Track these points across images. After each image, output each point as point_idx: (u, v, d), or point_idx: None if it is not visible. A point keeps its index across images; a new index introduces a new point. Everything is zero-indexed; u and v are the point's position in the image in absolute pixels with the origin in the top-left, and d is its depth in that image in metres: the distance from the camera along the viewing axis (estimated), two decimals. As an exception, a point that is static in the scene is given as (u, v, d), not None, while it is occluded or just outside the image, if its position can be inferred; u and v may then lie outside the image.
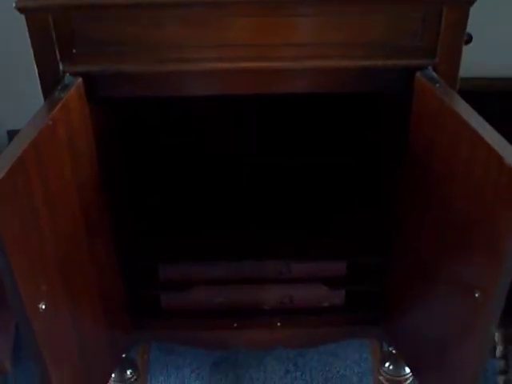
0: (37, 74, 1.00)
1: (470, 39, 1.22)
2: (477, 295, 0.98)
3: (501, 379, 1.43)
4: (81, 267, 1.10)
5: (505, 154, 0.86)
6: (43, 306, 0.98)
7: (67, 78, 0.99)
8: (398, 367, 1.37)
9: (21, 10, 0.93)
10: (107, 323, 1.20)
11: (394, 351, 1.35)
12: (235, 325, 1.30)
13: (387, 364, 1.37)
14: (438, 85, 0.97)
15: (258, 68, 0.99)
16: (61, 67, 0.99)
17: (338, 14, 0.95)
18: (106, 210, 1.14)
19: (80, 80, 0.99)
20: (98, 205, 1.12)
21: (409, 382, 1.38)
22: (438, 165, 0.98)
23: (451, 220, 0.99)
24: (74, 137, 1.00)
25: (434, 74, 0.98)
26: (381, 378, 1.40)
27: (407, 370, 1.36)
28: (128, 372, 1.37)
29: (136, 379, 1.39)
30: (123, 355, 1.34)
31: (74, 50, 0.98)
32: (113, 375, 1.35)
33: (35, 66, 0.99)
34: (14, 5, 0.92)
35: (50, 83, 0.98)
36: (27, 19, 0.95)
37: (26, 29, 0.96)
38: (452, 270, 1.03)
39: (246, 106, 1.34)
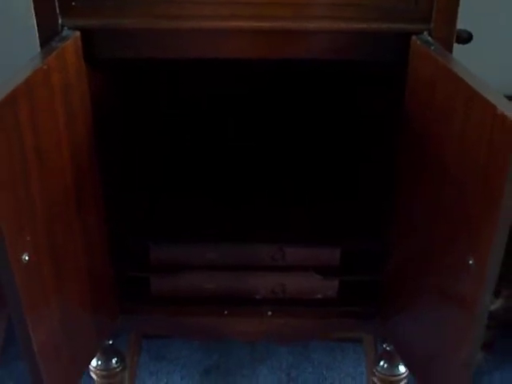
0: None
1: (470, 37, 1.23)
2: (470, 262, 0.96)
3: None
4: (68, 231, 1.08)
5: (498, 103, 0.85)
6: (26, 258, 0.96)
7: (65, 31, 0.99)
8: (393, 366, 1.32)
9: (23, -41, 0.95)
10: (92, 297, 1.17)
11: (388, 348, 1.31)
12: (225, 312, 1.27)
13: (382, 363, 1.33)
14: (433, 47, 0.97)
15: (252, 28, 1.00)
16: (59, 21, 0.99)
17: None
18: (98, 178, 1.13)
19: (78, 33, 1.00)
20: (91, 171, 1.11)
21: (404, 382, 1.34)
22: (434, 125, 0.97)
23: (447, 181, 0.98)
24: (69, 91, 1.00)
25: (430, 38, 0.99)
26: (374, 378, 1.35)
27: (402, 369, 1.32)
28: (113, 361, 1.33)
29: (122, 370, 1.35)
30: (109, 342, 1.31)
31: (74, 3, 0.99)
32: (98, 363, 1.32)
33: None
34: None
35: (48, 37, 0.99)
36: (28, -31, 0.96)
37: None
38: (447, 238, 1.01)
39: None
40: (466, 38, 1.19)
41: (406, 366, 1.29)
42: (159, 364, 1.66)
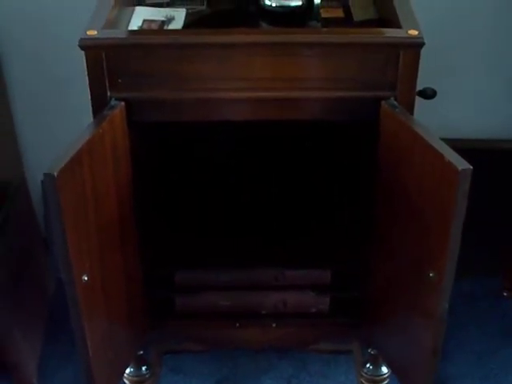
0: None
1: (434, 94, 1.49)
2: (431, 275, 1.23)
3: None
4: (113, 259, 1.35)
5: (445, 153, 1.13)
6: (86, 278, 1.23)
7: (113, 101, 1.27)
8: (377, 367, 1.59)
9: (82, 47, 1.23)
10: (129, 314, 1.43)
11: (372, 352, 1.57)
12: (237, 325, 1.54)
13: (367, 365, 1.59)
14: (397, 109, 1.26)
15: (259, 97, 1.29)
16: (108, 93, 1.28)
17: (324, 55, 1.26)
18: (134, 220, 1.40)
19: (123, 103, 1.28)
20: (130, 212, 1.38)
21: (387, 381, 1.60)
22: (399, 167, 1.26)
23: (412, 215, 1.26)
24: (116, 148, 1.28)
25: (395, 102, 1.27)
26: (362, 379, 1.62)
27: (385, 370, 1.59)
28: (143, 368, 1.59)
29: (150, 376, 1.60)
30: (140, 352, 1.56)
31: (120, 80, 1.27)
32: (130, 370, 1.57)
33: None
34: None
35: (99, 105, 1.27)
36: (86, 55, 1.24)
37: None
38: (414, 260, 1.28)
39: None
40: (431, 94, 1.46)
41: (387, 365, 1.55)
42: (177, 376, 1.91)
